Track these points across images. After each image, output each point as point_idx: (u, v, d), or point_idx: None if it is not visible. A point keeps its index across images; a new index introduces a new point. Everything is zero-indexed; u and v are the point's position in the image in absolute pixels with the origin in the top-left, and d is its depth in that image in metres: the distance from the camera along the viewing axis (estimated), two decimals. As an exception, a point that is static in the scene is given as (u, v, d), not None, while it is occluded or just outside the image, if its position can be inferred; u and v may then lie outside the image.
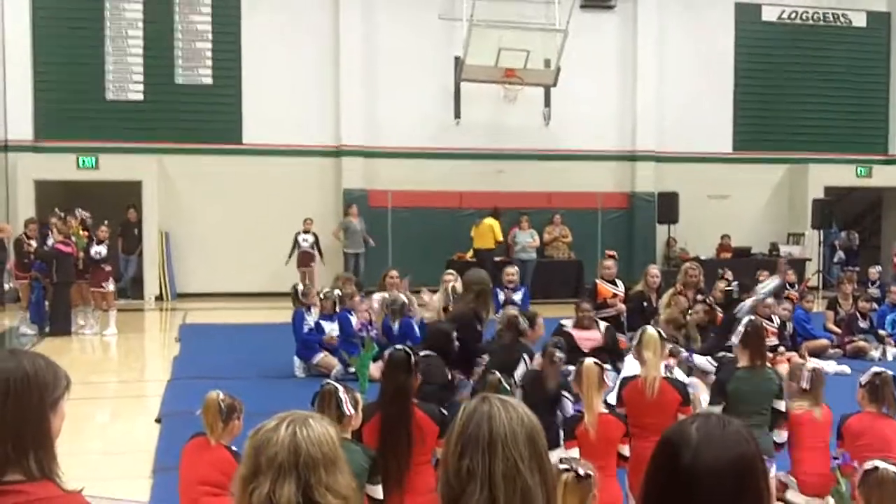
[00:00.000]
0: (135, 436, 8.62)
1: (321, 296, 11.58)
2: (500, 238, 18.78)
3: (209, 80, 19.50)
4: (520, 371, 7.27)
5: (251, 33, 19.51)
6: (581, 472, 3.49)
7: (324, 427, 2.23)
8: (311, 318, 11.25)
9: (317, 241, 18.48)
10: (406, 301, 10.89)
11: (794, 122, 22.06)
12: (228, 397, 5.11)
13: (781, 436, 5.91)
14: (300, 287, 11.84)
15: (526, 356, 7.53)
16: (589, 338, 9.86)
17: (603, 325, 10.30)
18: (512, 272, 12.30)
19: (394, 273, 12.00)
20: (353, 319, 10.97)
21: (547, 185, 20.43)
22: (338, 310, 11.15)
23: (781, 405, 5.97)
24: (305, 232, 18.45)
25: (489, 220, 18.75)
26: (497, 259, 18.19)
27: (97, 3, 19.04)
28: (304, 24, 19.62)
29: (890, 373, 5.70)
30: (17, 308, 15.90)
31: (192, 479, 5.05)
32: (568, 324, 10.02)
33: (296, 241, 18.35)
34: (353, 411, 4.61)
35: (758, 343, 6.11)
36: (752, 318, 6.49)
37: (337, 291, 11.34)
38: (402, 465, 4.98)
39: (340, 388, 4.70)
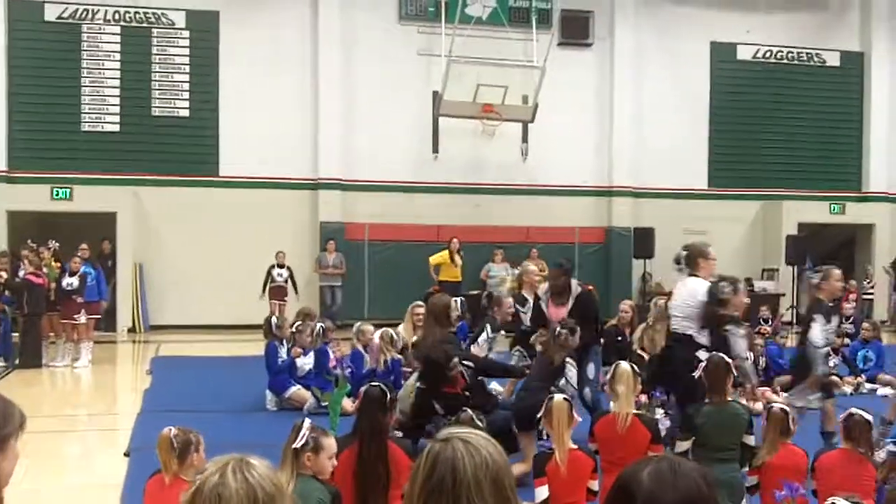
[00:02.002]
0: (103, 470, 8.47)
1: (295, 329, 11.51)
2: (458, 264, 18.74)
3: (186, 112, 19.47)
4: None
5: (229, 66, 19.52)
6: None
7: (262, 461, 2.12)
8: (283, 352, 11.16)
9: (291, 275, 18.33)
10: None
11: (768, 159, 22.29)
12: (183, 432, 4.99)
13: (751, 480, 5.84)
14: (274, 319, 11.75)
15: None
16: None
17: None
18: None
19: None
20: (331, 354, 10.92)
21: (524, 219, 20.50)
22: (318, 344, 11.05)
23: (751, 440, 5.94)
24: (279, 266, 18.30)
25: (444, 253, 18.76)
26: (470, 293, 18.19)
27: (74, 35, 19.01)
28: (282, 57, 19.67)
29: (863, 415, 5.66)
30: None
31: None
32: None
33: (269, 275, 18.18)
34: (308, 447, 4.57)
35: (718, 379, 6.08)
36: (713, 353, 6.44)
37: (321, 325, 11.26)
38: (380, 501, 5.07)
39: (308, 423, 4.69)
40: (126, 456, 8.60)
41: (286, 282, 18.22)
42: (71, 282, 14.64)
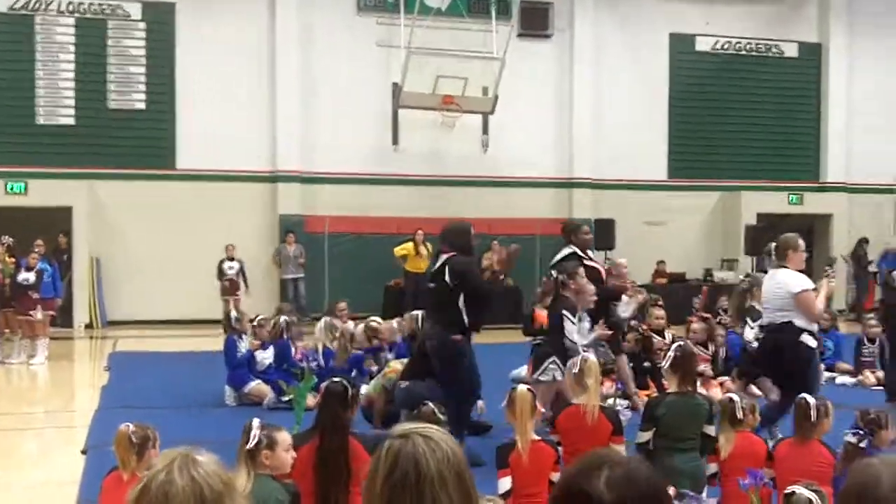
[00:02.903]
0: (61, 467, 8.35)
1: (255, 323, 11.43)
2: (427, 256, 18.76)
3: (142, 105, 19.23)
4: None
5: (185, 58, 19.31)
6: None
7: (209, 457, 2.08)
8: (243, 346, 11.06)
9: (242, 269, 18.13)
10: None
11: (727, 149, 22.47)
12: (140, 428, 4.97)
13: (711, 468, 5.89)
14: (233, 313, 11.64)
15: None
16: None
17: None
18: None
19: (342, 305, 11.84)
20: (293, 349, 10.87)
21: (486, 211, 20.44)
22: (285, 337, 10.98)
23: (711, 430, 5.97)
24: (230, 259, 18.08)
25: (407, 245, 18.75)
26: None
27: (28, 27, 18.69)
28: (240, 49, 19.49)
29: (807, 399, 5.72)
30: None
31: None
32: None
33: (220, 269, 17.98)
34: (262, 445, 4.55)
35: (687, 368, 6.12)
36: (682, 343, 6.50)
37: (285, 318, 11.19)
38: (341, 496, 5.07)
39: (257, 423, 4.69)
40: (83, 453, 8.49)
41: (237, 275, 18.02)
42: (27, 277, 14.40)
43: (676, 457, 5.78)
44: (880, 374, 11.97)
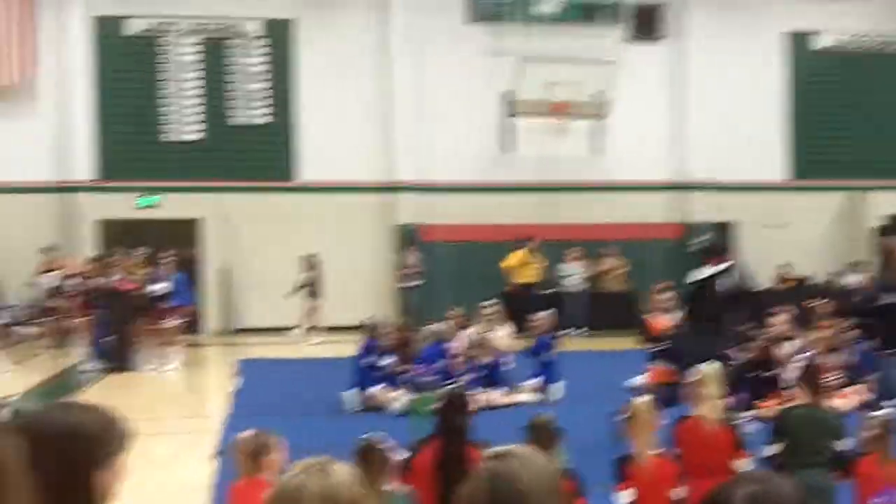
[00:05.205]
0: (192, 472, 8.69)
1: (383, 331, 11.66)
2: (539, 264, 18.70)
3: (264, 120, 19.89)
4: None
5: (305, 73, 19.87)
6: None
7: (344, 467, 2.12)
8: (376, 352, 11.29)
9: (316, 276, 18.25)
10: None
11: (850, 149, 21.73)
12: (258, 435, 5.08)
13: (841, 485, 5.68)
14: (374, 321, 11.82)
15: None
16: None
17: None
18: (537, 319, 12.25)
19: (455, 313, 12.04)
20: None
21: (599, 216, 20.39)
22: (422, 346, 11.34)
23: (842, 444, 5.77)
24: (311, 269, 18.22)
25: (519, 254, 18.72)
26: (544, 292, 18.32)
27: (156, 49, 19.57)
28: (355, 63, 19.93)
29: None
30: (80, 344, 16.15)
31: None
32: None
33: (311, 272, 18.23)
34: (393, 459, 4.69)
35: (815, 379, 5.98)
36: (809, 353, 6.39)
37: (440, 326, 11.46)
38: None
39: (378, 440, 4.80)
40: (214, 458, 8.77)
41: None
42: (159, 287, 15.07)
43: (806, 472, 5.51)
44: None
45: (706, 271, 9.07)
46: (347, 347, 12.30)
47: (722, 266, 9.04)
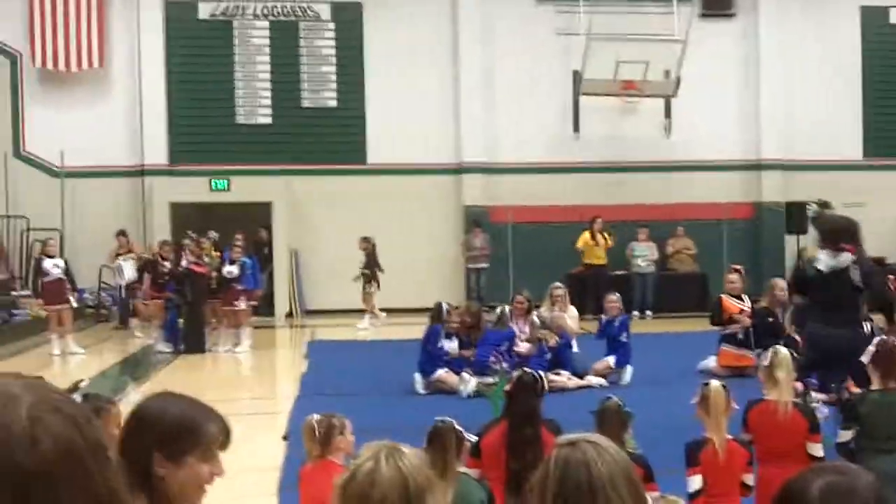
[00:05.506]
0: (262, 453, 8.77)
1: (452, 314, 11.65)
2: (608, 245, 18.52)
3: (334, 103, 20.03)
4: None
5: (373, 56, 19.96)
6: None
7: (414, 451, 2.17)
8: (443, 336, 11.26)
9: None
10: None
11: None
12: (326, 418, 5.10)
13: None
14: (445, 305, 11.76)
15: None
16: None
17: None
18: (613, 299, 12.02)
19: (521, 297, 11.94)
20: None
21: (669, 196, 20.14)
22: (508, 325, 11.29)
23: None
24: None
25: (587, 235, 18.55)
26: (614, 274, 18.18)
27: (226, 31, 19.82)
28: (424, 45, 19.94)
29: None
30: (153, 327, 16.43)
31: (308, 498, 5.12)
32: None
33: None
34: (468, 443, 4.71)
35: (890, 363, 5.84)
36: (884, 336, 6.24)
37: (506, 307, 11.46)
38: None
39: (453, 423, 4.81)
40: (284, 439, 8.77)
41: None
42: (231, 270, 15.32)
43: (882, 458, 5.39)
44: None
45: (841, 259, 8.63)
46: (415, 329, 12.35)
47: (851, 257, 8.66)
